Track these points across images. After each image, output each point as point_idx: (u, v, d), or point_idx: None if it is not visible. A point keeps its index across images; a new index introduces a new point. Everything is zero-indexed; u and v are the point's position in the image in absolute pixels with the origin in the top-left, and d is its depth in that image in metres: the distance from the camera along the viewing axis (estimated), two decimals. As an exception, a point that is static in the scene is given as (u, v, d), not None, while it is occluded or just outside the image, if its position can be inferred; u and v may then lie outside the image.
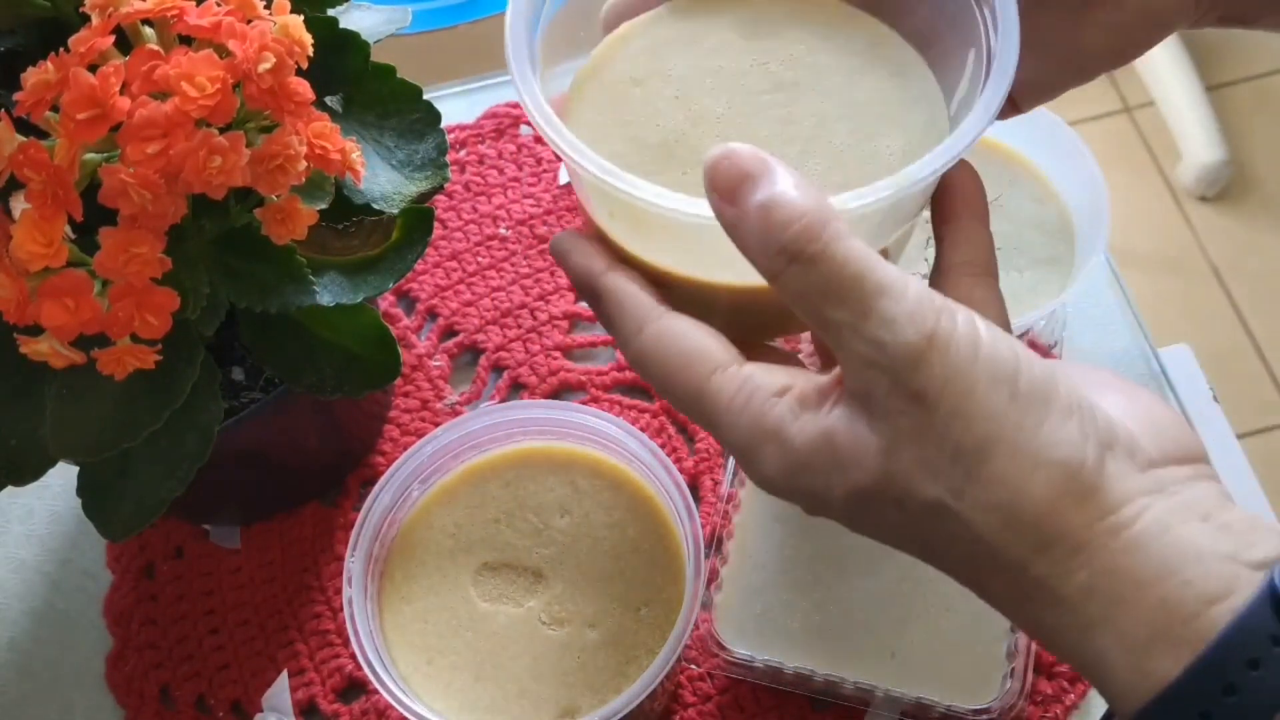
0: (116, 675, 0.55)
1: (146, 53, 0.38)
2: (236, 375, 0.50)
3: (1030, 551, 0.29)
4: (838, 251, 0.30)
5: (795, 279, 0.30)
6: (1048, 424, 0.29)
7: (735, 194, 0.30)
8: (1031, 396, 0.29)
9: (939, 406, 0.29)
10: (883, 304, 0.29)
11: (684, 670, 0.53)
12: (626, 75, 0.38)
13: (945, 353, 0.29)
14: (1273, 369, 1.43)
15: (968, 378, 0.29)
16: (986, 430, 0.29)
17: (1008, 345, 0.30)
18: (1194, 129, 1.54)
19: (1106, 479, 0.29)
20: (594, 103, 0.38)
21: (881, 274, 0.30)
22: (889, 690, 0.48)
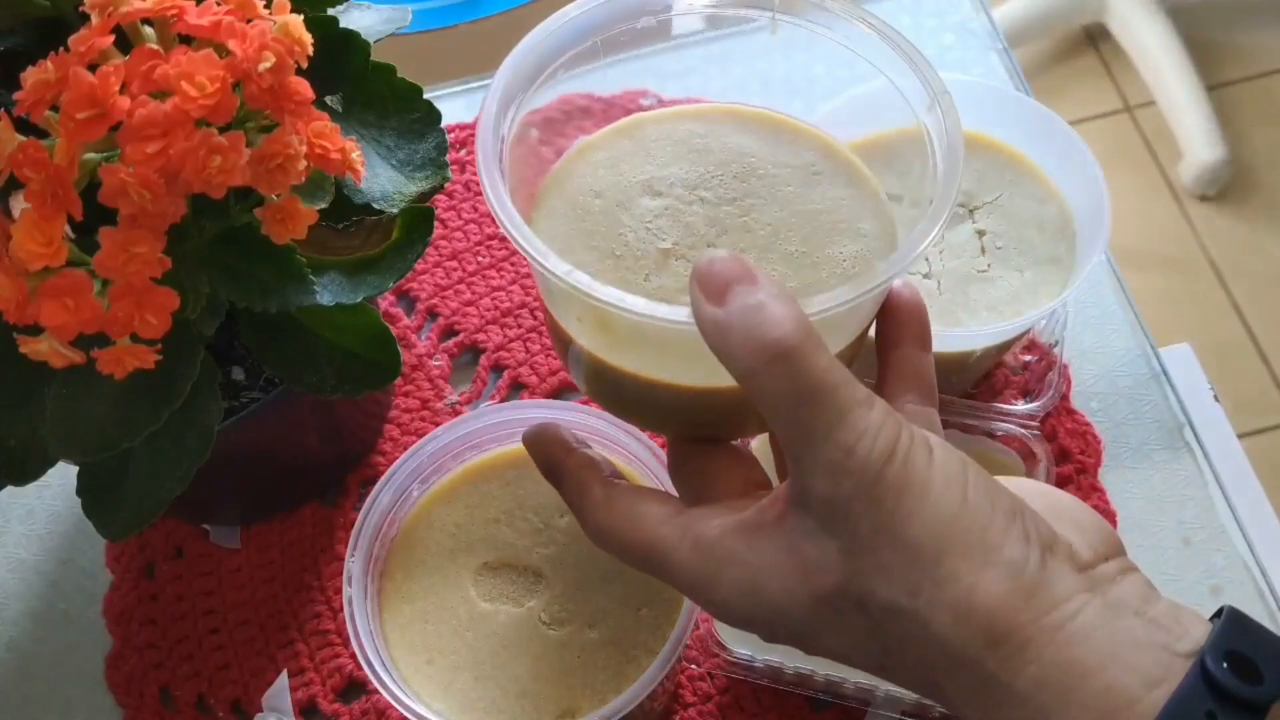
0: (116, 675, 0.55)
1: (146, 52, 0.38)
2: (236, 375, 0.50)
3: (983, 648, 0.31)
4: (819, 361, 0.32)
5: (774, 380, 0.32)
6: (995, 526, 0.32)
7: (724, 295, 0.32)
8: (980, 501, 0.32)
9: (898, 509, 0.31)
10: (856, 414, 0.32)
11: (684, 670, 0.53)
12: (588, 188, 0.40)
13: (905, 463, 0.32)
14: (1273, 369, 1.43)
15: (923, 484, 0.32)
16: (941, 531, 0.31)
17: (956, 457, 0.33)
18: (1194, 129, 1.54)
19: (1048, 577, 0.32)
20: (557, 214, 0.39)
21: (855, 387, 0.32)
22: (889, 690, 0.48)
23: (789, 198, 0.39)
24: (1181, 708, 0.30)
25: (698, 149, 0.40)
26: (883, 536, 0.32)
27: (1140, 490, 0.57)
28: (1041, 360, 0.58)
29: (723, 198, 0.39)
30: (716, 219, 0.39)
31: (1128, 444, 0.58)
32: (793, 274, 0.38)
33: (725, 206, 0.39)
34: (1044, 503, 0.35)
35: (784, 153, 0.40)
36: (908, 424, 0.33)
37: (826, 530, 0.32)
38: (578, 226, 0.39)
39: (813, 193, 0.39)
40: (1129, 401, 0.59)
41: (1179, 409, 0.59)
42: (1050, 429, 0.58)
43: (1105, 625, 0.31)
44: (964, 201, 0.56)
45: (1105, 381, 0.60)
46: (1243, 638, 0.31)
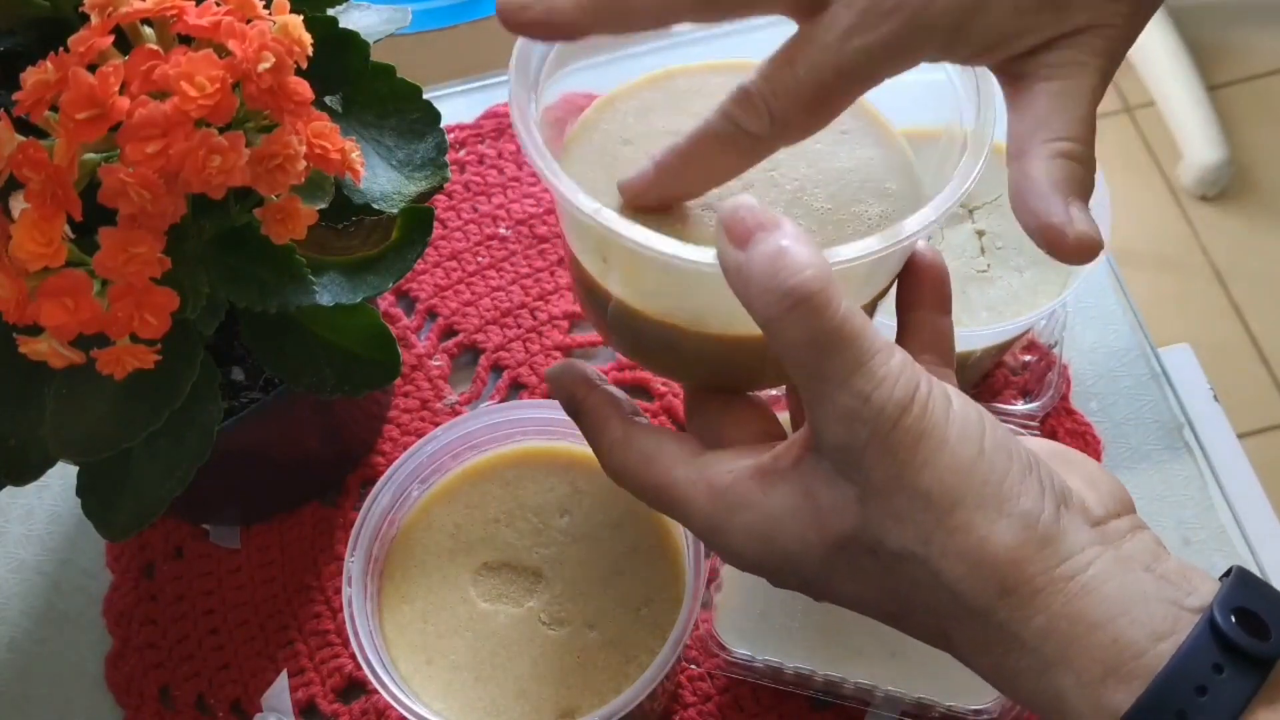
0: (116, 675, 0.55)
1: (146, 52, 0.38)
2: (236, 375, 0.50)
3: (993, 597, 0.32)
4: (839, 306, 0.31)
5: (793, 325, 0.31)
6: (1010, 478, 0.32)
7: (748, 239, 0.32)
8: (996, 453, 0.32)
9: (913, 458, 0.31)
10: (875, 361, 0.31)
11: (684, 670, 0.53)
12: (616, 136, 0.39)
13: (923, 411, 0.32)
14: (1273, 369, 1.43)
15: (941, 434, 0.32)
16: (955, 481, 0.32)
17: (975, 409, 0.33)
18: (1194, 129, 1.54)
19: (1062, 530, 0.32)
20: (585, 160, 0.39)
21: (875, 335, 0.32)
22: (889, 690, 0.48)
23: (817, 155, 0.39)
24: (1189, 660, 0.30)
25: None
26: (897, 484, 0.32)
27: (1140, 490, 0.57)
28: (1041, 360, 0.58)
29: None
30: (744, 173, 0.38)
31: (1127, 444, 0.58)
32: (817, 229, 0.37)
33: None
34: (1059, 460, 0.35)
35: None
36: (928, 375, 0.32)
37: (842, 476, 0.33)
38: (606, 173, 0.38)
39: (841, 150, 0.39)
40: (1129, 401, 0.59)
41: (1179, 409, 0.59)
42: (1050, 429, 0.58)
43: (1115, 578, 0.31)
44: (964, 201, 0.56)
45: (1105, 382, 0.60)
46: (1252, 595, 0.31)
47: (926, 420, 0.31)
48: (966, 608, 0.32)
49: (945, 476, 0.31)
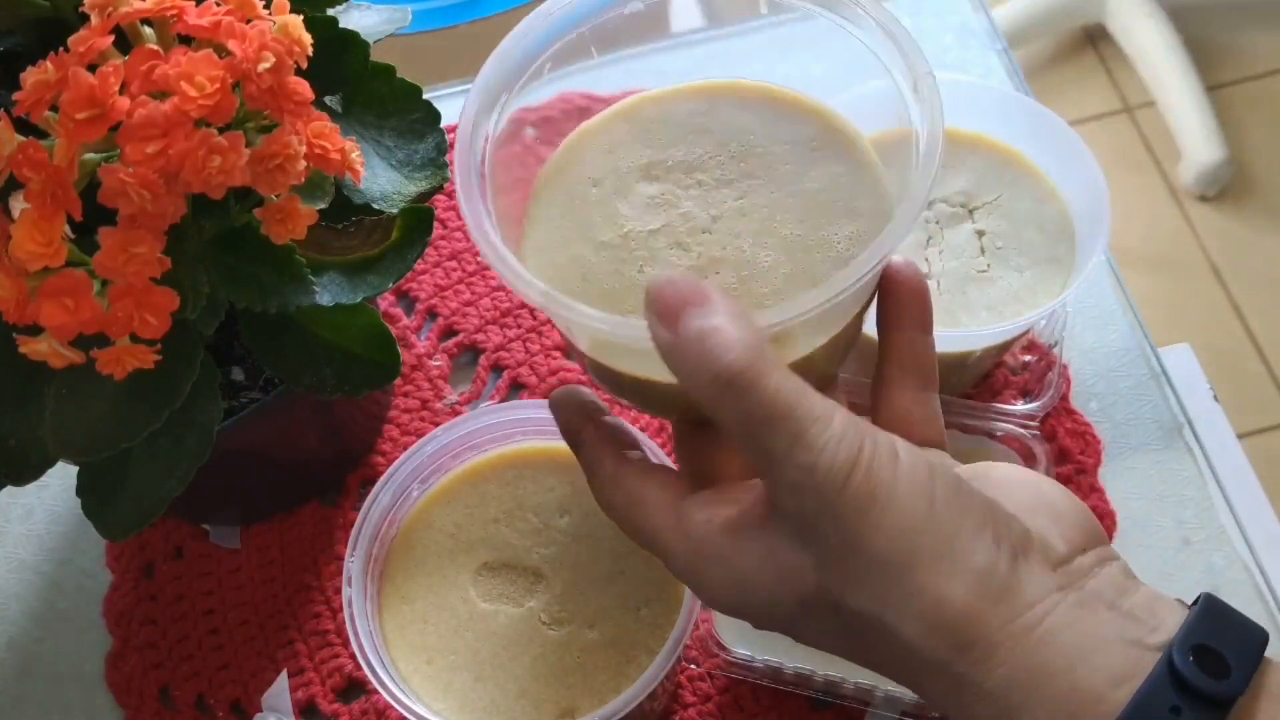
0: (116, 675, 0.55)
1: (146, 52, 0.38)
2: (236, 375, 0.50)
3: (952, 653, 0.32)
4: (770, 383, 0.31)
5: (727, 407, 0.32)
6: (963, 535, 0.32)
7: (674, 320, 0.32)
8: (948, 509, 0.32)
9: (863, 523, 0.31)
10: (813, 432, 0.31)
11: (684, 670, 0.53)
12: (585, 176, 0.39)
13: (868, 474, 0.31)
14: (1273, 369, 1.43)
15: (888, 494, 0.31)
16: (907, 544, 0.31)
17: (924, 462, 0.33)
18: (1194, 129, 1.54)
19: (1019, 582, 0.32)
20: (555, 204, 0.39)
21: (810, 403, 0.32)
22: (889, 690, 0.48)
23: (786, 177, 0.39)
24: (1145, 704, 0.30)
25: (697, 129, 0.40)
26: (850, 550, 0.32)
27: (1140, 490, 0.57)
28: (1041, 360, 0.58)
29: (720, 180, 0.39)
30: (713, 203, 0.39)
31: (1127, 444, 0.58)
32: (786, 260, 0.38)
33: (723, 190, 0.39)
34: (1025, 493, 0.35)
35: (783, 128, 0.40)
36: (871, 432, 0.32)
37: (799, 540, 0.33)
38: (575, 218, 0.39)
39: (811, 170, 0.39)
40: (1129, 401, 0.59)
41: (1178, 409, 0.59)
42: (1050, 429, 0.58)
43: (1075, 624, 0.31)
44: (964, 201, 0.56)
45: (1105, 382, 0.60)
46: (1215, 629, 0.31)
47: (872, 482, 0.31)
48: (927, 661, 0.32)
49: (896, 539, 0.31)
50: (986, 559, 0.32)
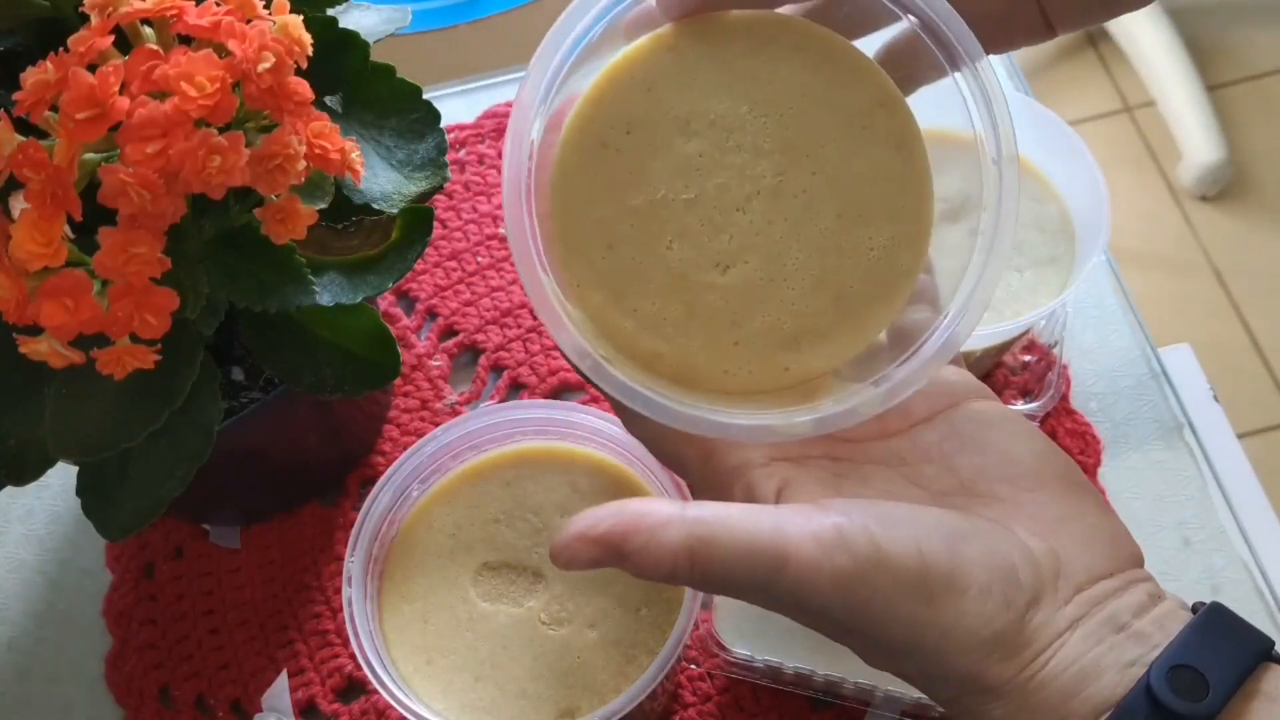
0: (116, 675, 0.55)
1: (146, 52, 0.38)
2: (236, 375, 0.50)
3: (956, 692, 0.33)
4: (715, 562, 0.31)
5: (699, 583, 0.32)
6: (969, 612, 0.32)
7: (614, 560, 0.32)
8: (949, 594, 0.32)
9: (864, 629, 0.32)
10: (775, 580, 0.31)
11: (684, 670, 0.53)
12: (620, 117, 0.36)
13: (851, 591, 0.31)
14: (1273, 369, 1.43)
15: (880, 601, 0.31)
16: (912, 635, 0.32)
17: (914, 553, 0.32)
18: (1194, 129, 1.54)
19: (1028, 638, 0.32)
20: (585, 150, 0.36)
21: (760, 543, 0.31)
22: (889, 690, 0.48)
23: (830, 155, 0.36)
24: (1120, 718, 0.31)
25: (746, 73, 0.36)
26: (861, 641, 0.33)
27: (1140, 490, 0.57)
28: (1041, 360, 0.58)
29: (760, 148, 0.36)
30: (751, 176, 0.36)
31: (1127, 444, 0.58)
32: (817, 260, 0.36)
33: (762, 161, 0.36)
34: (1057, 510, 0.34)
35: (840, 91, 0.36)
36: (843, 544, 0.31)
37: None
38: (604, 171, 0.36)
39: (857, 151, 0.36)
40: (1129, 401, 0.59)
41: (1179, 409, 0.59)
42: (1050, 429, 0.58)
43: (1078, 659, 0.32)
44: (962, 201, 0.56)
45: (1105, 382, 0.60)
46: (1202, 646, 0.31)
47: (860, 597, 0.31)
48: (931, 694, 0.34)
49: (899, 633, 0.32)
50: (996, 627, 0.32)
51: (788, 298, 0.36)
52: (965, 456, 0.35)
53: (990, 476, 0.35)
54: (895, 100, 0.36)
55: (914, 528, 0.32)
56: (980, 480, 0.35)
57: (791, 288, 0.36)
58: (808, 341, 0.36)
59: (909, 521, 0.32)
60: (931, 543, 0.32)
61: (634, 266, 0.36)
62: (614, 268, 0.36)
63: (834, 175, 0.36)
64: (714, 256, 0.36)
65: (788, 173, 0.36)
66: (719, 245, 0.36)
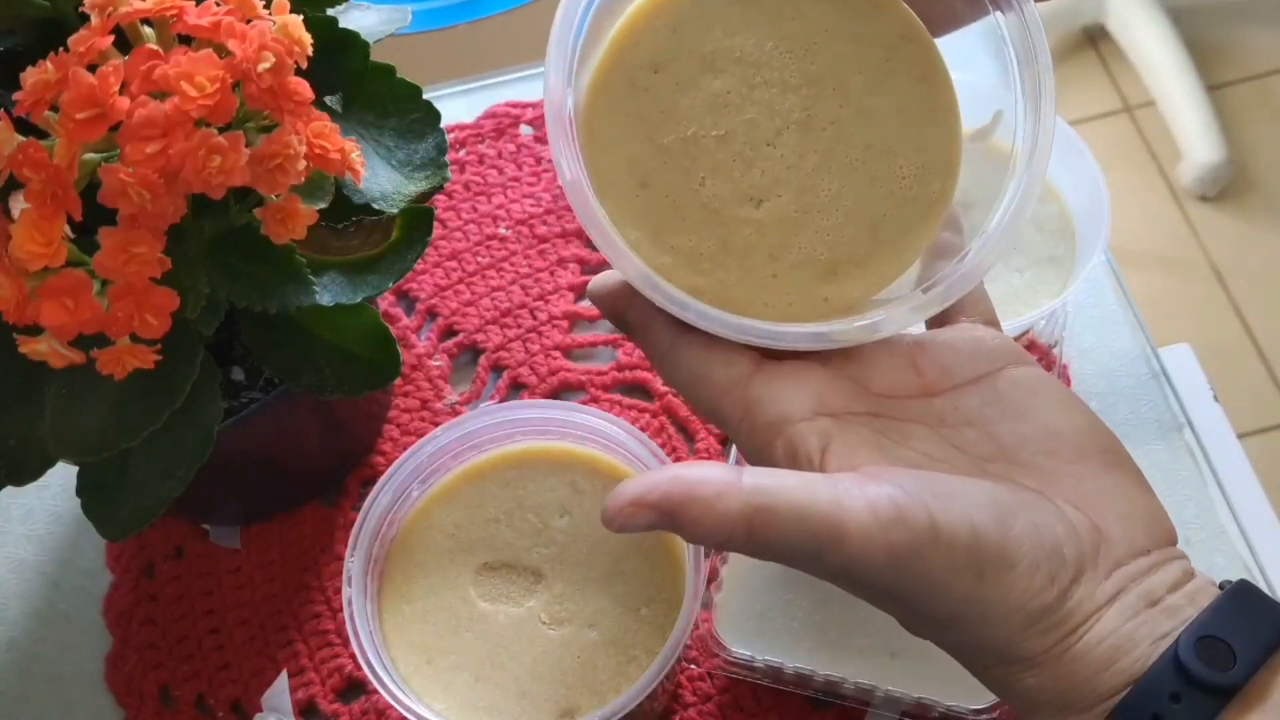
0: (116, 675, 0.55)
1: (146, 52, 0.38)
2: (236, 375, 0.50)
3: (992, 661, 0.33)
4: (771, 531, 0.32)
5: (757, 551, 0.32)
6: (1015, 590, 0.32)
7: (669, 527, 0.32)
8: (998, 569, 0.32)
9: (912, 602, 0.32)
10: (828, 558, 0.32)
11: (684, 670, 0.53)
12: (647, 57, 0.37)
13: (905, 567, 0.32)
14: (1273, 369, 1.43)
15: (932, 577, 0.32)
16: (959, 610, 0.32)
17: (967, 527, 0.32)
18: (1194, 129, 1.54)
19: (1069, 608, 0.32)
20: (613, 92, 0.37)
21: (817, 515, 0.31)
22: (889, 690, 0.48)
23: (857, 89, 0.36)
24: (1146, 689, 0.31)
25: (768, 13, 0.36)
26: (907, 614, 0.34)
27: (1140, 490, 0.57)
28: (1041, 360, 0.58)
29: (787, 84, 0.36)
30: (779, 111, 0.36)
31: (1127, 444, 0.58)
32: (849, 190, 0.36)
33: (789, 96, 0.36)
34: (1097, 484, 0.35)
35: (862, 25, 0.37)
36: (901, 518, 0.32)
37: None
38: (634, 109, 0.36)
39: (883, 84, 0.37)
40: (1129, 402, 0.59)
41: (1179, 409, 0.59)
42: (1050, 429, 0.58)
43: (1113, 633, 0.32)
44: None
45: (1105, 381, 0.60)
46: (1230, 619, 0.32)
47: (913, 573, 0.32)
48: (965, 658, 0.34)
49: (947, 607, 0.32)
50: (1039, 604, 0.32)
51: (823, 228, 0.36)
52: (1006, 424, 0.35)
53: (1031, 447, 0.35)
54: (919, 33, 0.37)
55: (967, 503, 0.32)
56: (1021, 449, 0.35)
57: (826, 219, 0.36)
58: (845, 271, 0.36)
59: (962, 495, 0.33)
60: (984, 519, 0.32)
61: (668, 203, 0.36)
62: (649, 205, 0.36)
63: (861, 107, 0.36)
64: (747, 191, 0.36)
65: (816, 106, 0.36)
66: (751, 180, 0.36)
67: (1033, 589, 0.32)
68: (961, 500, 0.32)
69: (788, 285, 0.36)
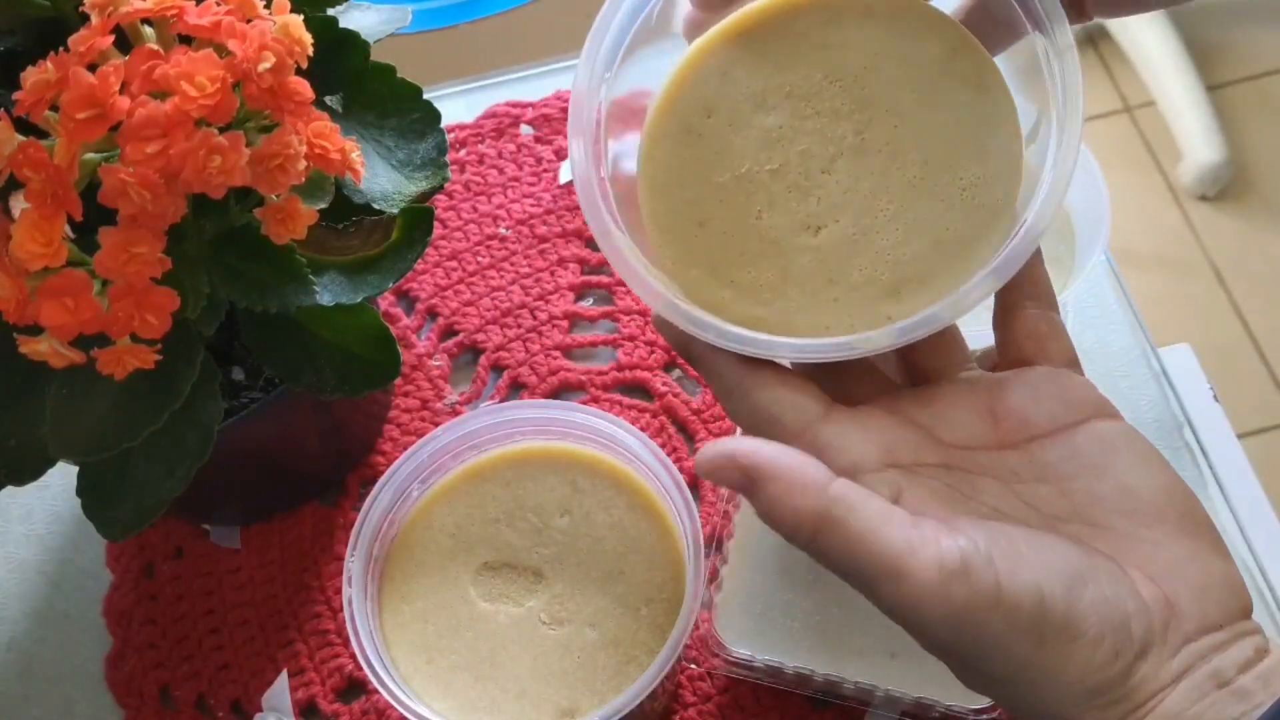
0: (116, 675, 0.55)
1: (146, 52, 0.38)
2: (236, 375, 0.50)
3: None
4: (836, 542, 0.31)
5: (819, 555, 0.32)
6: (1075, 661, 0.31)
7: (746, 492, 0.32)
8: (1060, 637, 0.31)
9: (966, 660, 0.32)
10: (884, 589, 0.31)
11: (684, 670, 0.53)
12: (700, 103, 0.37)
13: (959, 624, 0.31)
14: (1273, 369, 1.43)
15: (989, 637, 0.31)
16: (1013, 673, 0.31)
17: (1033, 592, 0.31)
18: (1194, 129, 1.54)
19: (1131, 685, 0.31)
20: (668, 138, 0.37)
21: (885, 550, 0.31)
22: (889, 690, 0.48)
23: (909, 107, 0.37)
24: None
25: (817, 44, 0.37)
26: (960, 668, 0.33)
27: (1140, 490, 0.57)
28: (1041, 360, 0.58)
29: (838, 111, 0.37)
30: (832, 139, 0.37)
31: (1128, 444, 0.58)
32: (908, 206, 0.36)
33: (842, 123, 0.37)
34: (1173, 552, 0.33)
35: (909, 44, 0.37)
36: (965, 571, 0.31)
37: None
38: (690, 153, 0.37)
39: (936, 99, 0.37)
40: (1129, 401, 0.59)
41: (1179, 409, 0.59)
42: (1050, 429, 0.58)
43: (1179, 714, 0.31)
44: None
45: (1105, 381, 0.60)
46: None
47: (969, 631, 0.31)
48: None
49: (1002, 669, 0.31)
50: (1101, 678, 0.31)
51: (883, 248, 0.36)
52: (1082, 481, 0.34)
53: (1107, 507, 0.34)
54: (970, 44, 0.37)
55: (1037, 566, 0.32)
56: (1096, 510, 0.34)
57: (885, 238, 0.36)
58: (909, 289, 0.36)
59: (1032, 557, 0.32)
60: (1053, 586, 0.31)
61: (727, 240, 0.36)
62: (708, 243, 0.37)
63: (917, 124, 0.36)
64: (804, 220, 0.36)
65: (869, 129, 0.37)
66: (808, 208, 0.36)
67: (1095, 662, 0.31)
68: (1032, 563, 0.32)
69: (850, 307, 0.36)
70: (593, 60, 0.36)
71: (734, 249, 0.37)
